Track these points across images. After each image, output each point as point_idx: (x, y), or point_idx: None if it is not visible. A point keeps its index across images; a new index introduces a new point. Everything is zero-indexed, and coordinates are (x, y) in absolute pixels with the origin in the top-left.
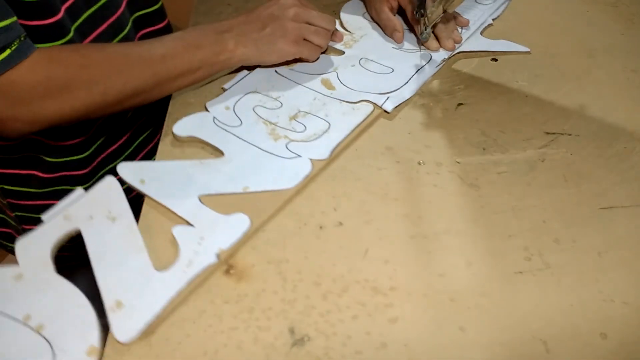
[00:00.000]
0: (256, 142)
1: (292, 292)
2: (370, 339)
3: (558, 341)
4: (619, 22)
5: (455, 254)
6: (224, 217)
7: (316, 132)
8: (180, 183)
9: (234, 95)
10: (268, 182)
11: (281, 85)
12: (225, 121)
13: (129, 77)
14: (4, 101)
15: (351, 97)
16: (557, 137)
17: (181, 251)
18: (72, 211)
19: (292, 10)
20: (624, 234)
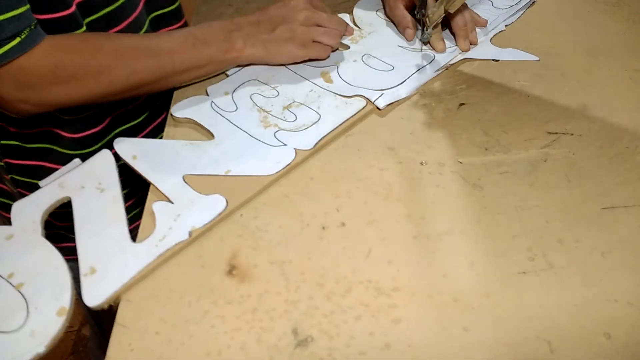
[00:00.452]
0: (246, 128)
1: (295, 292)
2: (374, 339)
3: (562, 341)
4: (621, 22)
5: (459, 255)
6: (202, 197)
7: (306, 122)
8: (168, 161)
9: (235, 82)
10: (250, 167)
11: (281, 75)
12: (222, 106)
13: (135, 68)
14: (13, 85)
15: (346, 91)
16: (559, 137)
17: (157, 226)
18: (66, 179)
19: (302, 14)
20: (627, 233)
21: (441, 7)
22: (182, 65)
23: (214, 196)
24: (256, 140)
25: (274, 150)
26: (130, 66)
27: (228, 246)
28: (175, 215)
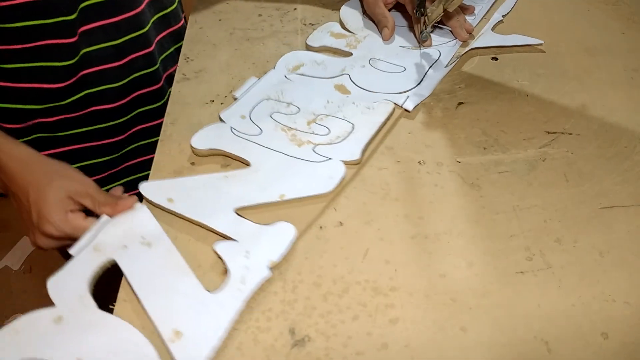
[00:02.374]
0: (280, 149)
1: (292, 292)
2: (371, 339)
3: (559, 341)
4: (620, 21)
5: (456, 254)
6: (266, 227)
7: (341, 133)
8: (212, 198)
9: (247, 104)
10: (304, 188)
11: (293, 91)
12: (244, 130)
13: None
14: None
15: (368, 98)
16: (558, 136)
17: (230, 268)
18: (101, 241)
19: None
20: (625, 233)
21: (440, 6)
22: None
23: (279, 224)
24: (296, 159)
25: (320, 167)
26: None
27: None
28: (245, 252)
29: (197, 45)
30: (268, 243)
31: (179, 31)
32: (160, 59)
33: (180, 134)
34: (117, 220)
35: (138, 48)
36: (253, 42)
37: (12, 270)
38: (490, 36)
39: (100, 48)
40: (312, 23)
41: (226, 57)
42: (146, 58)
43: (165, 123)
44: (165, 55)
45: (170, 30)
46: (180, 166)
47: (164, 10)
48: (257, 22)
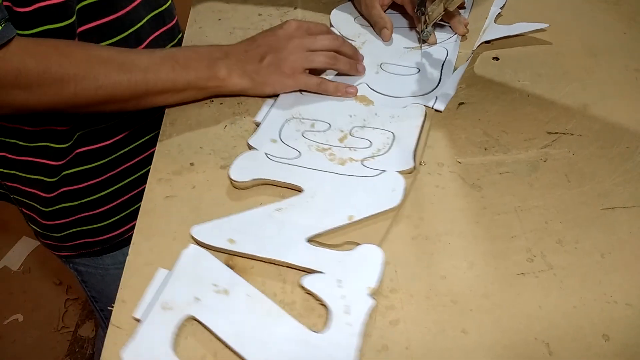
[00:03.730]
0: (328, 169)
1: (291, 293)
2: (371, 341)
3: (561, 343)
4: (621, 21)
5: (457, 256)
6: (349, 253)
7: (384, 143)
8: (277, 232)
9: (272, 127)
10: (371, 206)
11: (312, 107)
12: (281, 154)
13: (104, 82)
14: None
15: (394, 105)
16: (559, 136)
17: (328, 302)
18: (168, 298)
19: (292, 42)
20: (627, 235)
21: (441, 5)
22: (157, 86)
23: (362, 248)
24: (350, 176)
25: (378, 181)
26: (99, 79)
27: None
28: (336, 282)
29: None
30: (358, 269)
31: (172, 29)
32: None
33: (179, 135)
34: (178, 272)
35: (132, 46)
36: None
37: (12, 271)
38: (496, 28)
39: None
40: None
41: None
42: None
43: (165, 123)
44: None
45: (165, 29)
46: (180, 167)
47: (159, 9)
48: (256, 22)
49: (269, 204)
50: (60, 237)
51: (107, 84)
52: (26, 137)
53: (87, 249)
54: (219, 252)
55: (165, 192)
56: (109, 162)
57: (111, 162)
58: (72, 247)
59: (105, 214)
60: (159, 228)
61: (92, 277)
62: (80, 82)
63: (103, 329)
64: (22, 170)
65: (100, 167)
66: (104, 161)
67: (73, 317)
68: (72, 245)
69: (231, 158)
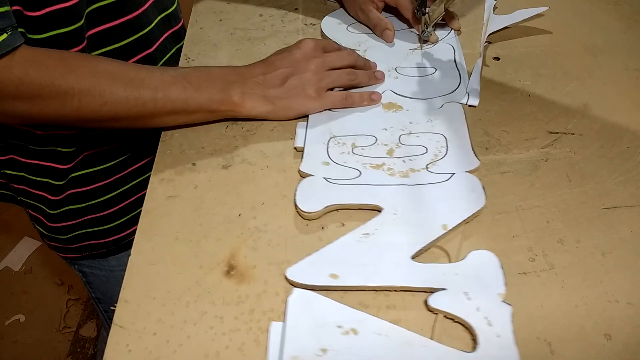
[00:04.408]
0: (396, 182)
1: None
2: None
3: (562, 342)
4: (621, 21)
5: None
6: (461, 263)
7: (440, 147)
8: (377, 258)
9: (317, 149)
10: (460, 211)
11: (345, 123)
12: (340, 176)
13: (109, 99)
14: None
15: (430, 107)
16: (560, 136)
17: (466, 318)
18: (294, 353)
19: (312, 63)
20: (628, 234)
21: (441, 6)
22: (166, 106)
23: (473, 255)
24: (424, 185)
25: (453, 185)
26: (104, 95)
27: (226, 246)
28: (464, 295)
29: (198, 46)
30: (480, 277)
31: (179, 32)
32: (163, 60)
33: (181, 135)
34: (293, 323)
35: (141, 49)
36: (254, 42)
37: (13, 271)
38: (498, 19)
39: (105, 51)
40: (313, 23)
41: (227, 57)
42: (148, 59)
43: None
44: (167, 56)
45: (171, 31)
46: (182, 167)
47: (166, 11)
48: (257, 22)
49: (354, 230)
50: (66, 239)
51: (113, 101)
52: (35, 141)
53: (93, 250)
54: (316, 290)
55: (167, 192)
56: (116, 164)
57: (118, 164)
58: (78, 249)
59: (111, 216)
60: (161, 228)
61: (96, 278)
62: (84, 97)
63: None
64: (30, 172)
65: (107, 169)
66: (111, 163)
67: (75, 318)
68: (78, 247)
69: (233, 158)
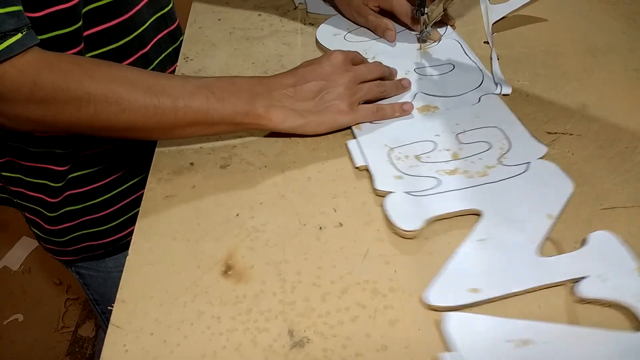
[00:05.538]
0: (477, 183)
1: (291, 293)
2: (371, 341)
3: None
4: (620, 21)
5: None
6: (585, 249)
7: (502, 140)
8: (506, 262)
9: (384, 164)
10: (557, 198)
11: (390, 132)
12: (420, 188)
13: (127, 106)
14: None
15: (462, 103)
16: (558, 136)
17: (625, 300)
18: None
19: (344, 77)
20: (626, 234)
21: (440, 5)
22: (187, 117)
23: (593, 238)
24: (505, 180)
25: (532, 174)
26: (121, 103)
27: (224, 246)
28: (608, 278)
29: (196, 45)
30: (610, 257)
31: (174, 31)
32: (158, 59)
33: None
34: (464, 350)
35: (136, 49)
36: (252, 41)
37: (12, 271)
38: (497, 9)
39: (101, 52)
40: (312, 23)
41: (226, 57)
42: (143, 59)
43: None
44: (163, 55)
45: (167, 31)
46: (180, 166)
47: (161, 11)
48: (256, 22)
49: (468, 239)
50: (63, 242)
51: (131, 109)
52: (33, 143)
53: (90, 252)
54: (459, 309)
55: (165, 192)
56: (114, 164)
57: (116, 164)
58: (75, 252)
59: (109, 217)
60: (159, 228)
61: (94, 280)
62: (100, 104)
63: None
64: (27, 175)
65: (104, 169)
66: (109, 163)
67: (73, 317)
68: (75, 250)
69: (231, 157)
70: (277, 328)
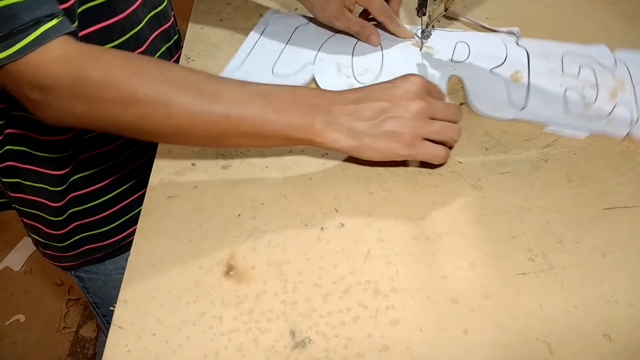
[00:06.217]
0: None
1: (292, 293)
2: (372, 341)
3: (562, 343)
4: (622, 21)
5: (458, 256)
6: None
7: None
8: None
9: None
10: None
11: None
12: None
13: (176, 110)
14: (28, 81)
15: (541, 64)
16: (560, 137)
17: None
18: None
19: (415, 105)
20: (627, 234)
21: (441, 5)
22: (239, 127)
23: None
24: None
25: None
26: (170, 106)
27: (226, 247)
28: None
29: (198, 46)
30: None
31: (168, 30)
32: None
33: None
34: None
35: (132, 49)
36: None
37: (13, 271)
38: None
39: None
40: None
41: (227, 58)
42: None
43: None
44: (157, 55)
45: (161, 30)
46: (181, 167)
47: (155, 10)
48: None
49: None
50: (64, 247)
51: (180, 114)
52: (34, 146)
53: (90, 256)
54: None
55: (166, 192)
56: (115, 164)
57: (117, 164)
58: (76, 256)
59: (109, 218)
60: (161, 228)
61: (94, 283)
62: (147, 105)
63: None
64: (27, 179)
65: (106, 169)
66: (110, 164)
67: (75, 318)
68: (76, 254)
69: (232, 158)
70: (278, 328)
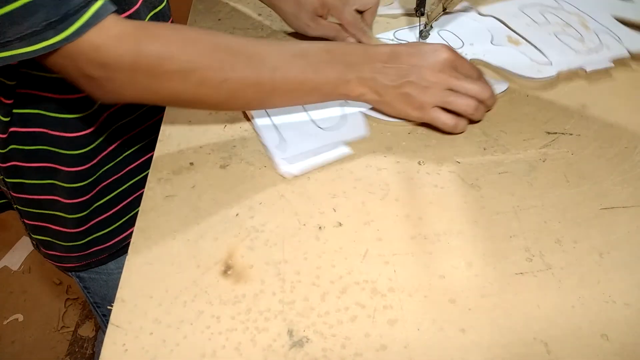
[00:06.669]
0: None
1: (290, 293)
2: (370, 340)
3: (559, 342)
4: None
5: (456, 255)
6: None
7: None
8: None
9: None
10: None
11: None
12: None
13: (230, 75)
14: (89, 59)
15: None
16: (558, 136)
17: None
18: None
19: (436, 77)
20: (625, 234)
21: (440, 5)
22: (283, 87)
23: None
24: None
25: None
26: (225, 71)
27: (224, 246)
28: None
29: None
30: None
31: None
32: None
33: (179, 134)
34: None
35: None
36: None
37: (12, 271)
38: None
39: None
40: None
41: None
42: None
43: (164, 123)
44: None
45: None
46: (180, 166)
47: (155, 9)
48: (256, 22)
49: None
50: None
51: (233, 78)
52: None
53: (95, 258)
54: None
55: (165, 192)
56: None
57: (117, 163)
58: (79, 258)
59: (113, 217)
60: (159, 227)
61: (94, 282)
62: (205, 72)
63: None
64: (31, 178)
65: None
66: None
67: (73, 317)
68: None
69: (231, 157)
70: (276, 328)
